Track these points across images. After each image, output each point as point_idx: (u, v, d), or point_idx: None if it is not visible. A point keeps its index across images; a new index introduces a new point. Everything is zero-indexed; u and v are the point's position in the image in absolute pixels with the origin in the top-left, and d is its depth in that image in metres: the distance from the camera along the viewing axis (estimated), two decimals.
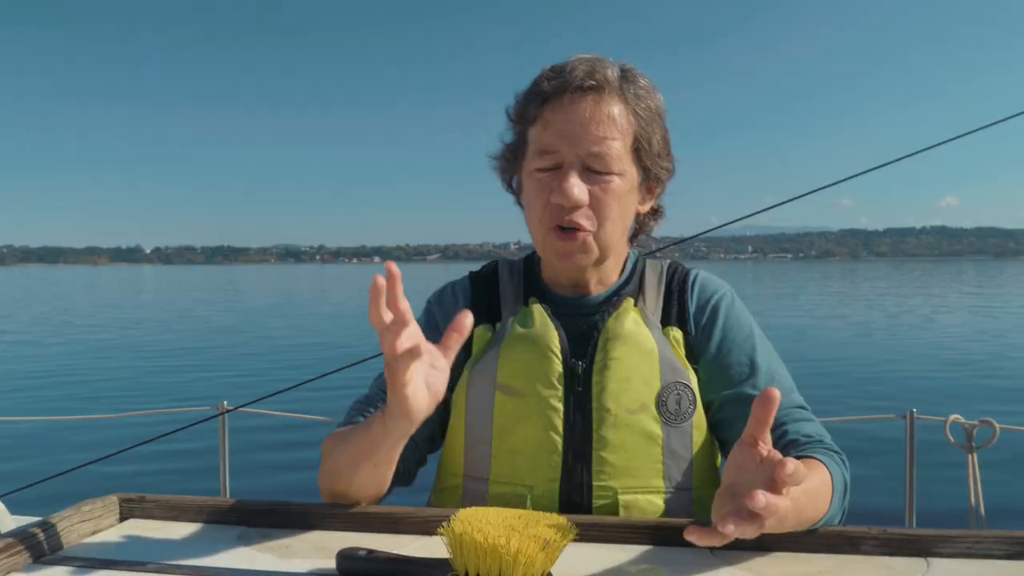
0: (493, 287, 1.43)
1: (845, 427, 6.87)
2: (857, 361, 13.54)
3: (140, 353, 15.94)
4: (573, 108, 1.25)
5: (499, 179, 1.44)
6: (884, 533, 1.06)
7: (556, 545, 0.93)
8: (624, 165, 1.28)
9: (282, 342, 18.06)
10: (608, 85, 1.27)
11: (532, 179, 1.31)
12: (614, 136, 1.26)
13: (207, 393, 10.10)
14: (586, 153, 1.25)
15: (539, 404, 1.27)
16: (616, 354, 1.27)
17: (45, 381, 12.22)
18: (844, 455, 1.23)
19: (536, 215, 1.31)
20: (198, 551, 1.09)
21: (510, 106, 1.36)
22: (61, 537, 1.12)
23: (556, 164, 1.27)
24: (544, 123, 1.28)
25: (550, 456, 1.25)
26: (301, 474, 6.17)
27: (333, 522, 1.19)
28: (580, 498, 1.24)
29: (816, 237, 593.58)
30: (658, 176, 1.36)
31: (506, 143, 1.39)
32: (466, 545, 0.91)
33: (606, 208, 1.27)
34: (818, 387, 10.56)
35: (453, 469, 1.34)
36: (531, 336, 1.30)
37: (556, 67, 1.29)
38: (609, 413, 1.25)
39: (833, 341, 16.98)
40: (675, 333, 1.32)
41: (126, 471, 5.62)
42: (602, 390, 1.26)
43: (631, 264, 1.42)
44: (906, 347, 15.55)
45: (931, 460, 3.73)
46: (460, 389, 1.33)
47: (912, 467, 3.02)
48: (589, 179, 1.26)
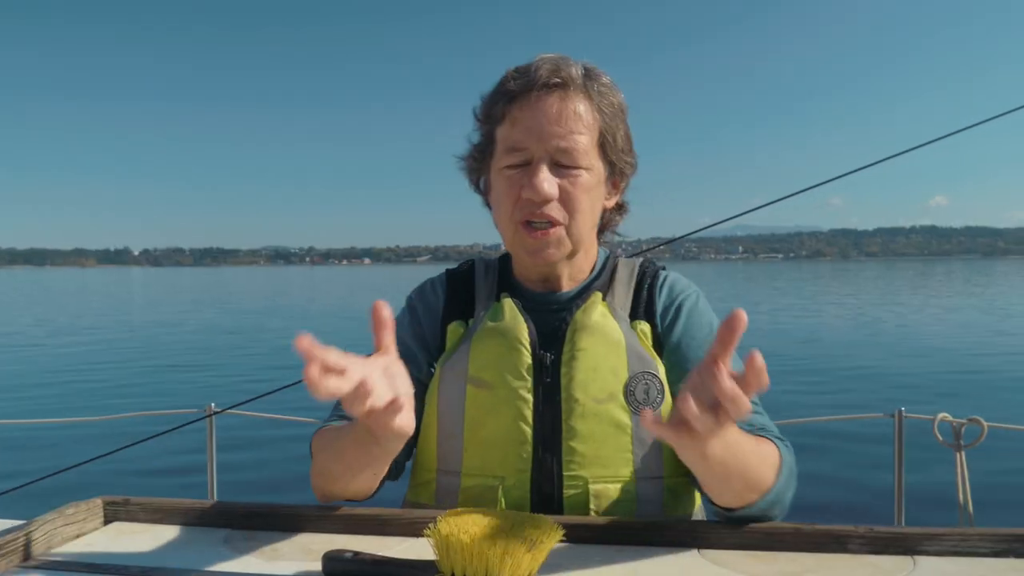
0: (469, 284, 1.45)
1: (834, 426, 6.94)
2: (845, 360, 13.59)
3: (127, 355, 15.87)
4: (540, 105, 1.28)
5: (467, 180, 1.46)
6: (871, 531, 1.06)
7: (542, 546, 0.93)
8: (591, 159, 1.31)
9: (270, 343, 18.01)
10: (573, 83, 1.30)
11: (501, 176, 1.33)
12: (581, 131, 1.29)
13: (194, 395, 10.08)
14: (554, 148, 1.28)
15: (509, 395, 1.28)
16: (583, 345, 1.29)
17: (30, 383, 12.15)
18: (789, 443, 1.26)
19: (506, 211, 1.33)
20: (183, 554, 1.09)
21: (476, 107, 1.39)
22: (44, 540, 1.11)
23: (525, 160, 1.29)
24: (512, 121, 1.30)
25: (520, 447, 1.26)
26: (289, 476, 6.16)
27: (319, 524, 1.18)
28: (551, 488, 1.25)
29: (807, 237, 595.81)
30: (623, 171, 1.40)
31: (473, 143, 1.42)
32: (452, 547, 0.91)
33: (576, 201, 1.30)
34: (806, 386, 10.60)
35: (427, 464, 1.34)
36: (501, 329, 1.32)
37: (520, 67, 1.32)
38: (578, 403, 1.26)
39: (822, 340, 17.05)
40: (643, 326, 1.34)
41: (113, 474, 5.59)
42: (570, 380, 1.27)
43: (601, 261, 1.45)
44: (894, 346, 15.62)
45: (920, 458, 3.75)
46: (433, 384, 1.34)
47: (900, 466, 3.03)
48: (558, 173, 1.29)
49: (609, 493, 1.25)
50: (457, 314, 1.40)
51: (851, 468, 6.14)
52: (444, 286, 1.46)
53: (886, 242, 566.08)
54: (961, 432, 2.87)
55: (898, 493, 3.05)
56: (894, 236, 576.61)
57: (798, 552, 1.06)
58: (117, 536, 1.18)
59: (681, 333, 1.35)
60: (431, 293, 1.46)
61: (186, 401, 8.08)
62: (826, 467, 6.08)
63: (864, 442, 6.60)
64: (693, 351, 1.33)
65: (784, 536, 1.08)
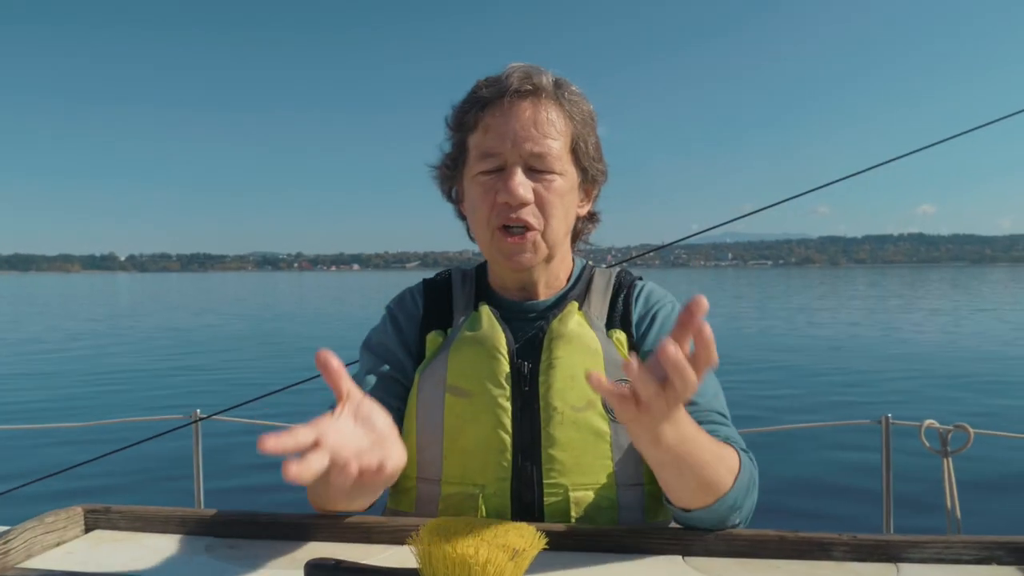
0: (446, 294, 1.45)
1: (821, 432, 6.96)
2: (832, 367, 13.64)
3: (113, 361, 15.79)
4: (512, 111, 1.30)
5: (439, 189, 1.47)
6: (854, 539, 1.06)
7: (525, 555, 0.93)
8: (564, 165, 1.33)
9: (257, 350, 17.96)
10: (544, 90, 1.32)
11: (476, 183, 1.34)
12: (553, 136, 1.31)
13: (180, 401, 10.03)
14: (528, 153, 1.29)
15: (488, 404, 1.28)
16: (560, 353, 1.29)
17: (12, 389, 12.07)
18: (752, 454, 1.26)
19: (483, 217, 1.34)
20: (165, 563, 1.08)
21: (448, 115, 1.39)
22: (24, 549, 1.10)
23: (499, 166, 1.31)
24: (485, 128, 1.31)
25: (500, 455, 1.26)
26: (276, 482, 6.14)
27: (302, 532, 1.18)
28: (531, 496, 1.25)
29: (796, 244, 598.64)
30: (595, 178, 1.41)
31: (445, 152, 1.43)
32: (435, 555, 0.91)
33: (550, 206, 1.31)
34: (793, 392, 10.63)
35: (407, 472, 1.33)
36: (479, 338, 1.32)
37: (491, 77, 1.34)
38: (556, 411, 1.27)
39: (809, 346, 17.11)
40: (619, 335, 1.35)
41: (98, 480, 5.56)
42: (548, 389, 1.28)
43: (578, 271, 1.46)
44: (881, 353, 15.68)
45: (907, 465, 3.75)
46: (412, 393, 1.35)
47: (888, 472, 3.04)
48: (532, 178, 1.31)
49: (589, 500, 1.25)
50: (435, 323, 1.40)
51: (838, 474, 6.15)
52: (422, 295, 1.47)
53: (875, 249, 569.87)
54: (948, 438, 2.88)
55: (886, 499, 3.06)
56: (883, 244, 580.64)
57: (782, 559, 1.06)
58: (98, 544, 1.17)
59: (654, 341, 1.36)
60: (410, 302, 1.46)
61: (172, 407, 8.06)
62: (813, 474, 6.09)
63: (851, 449, 6.62)
64: None
65: (768, 543, 1.08)
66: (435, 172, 1.46)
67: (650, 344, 1.36)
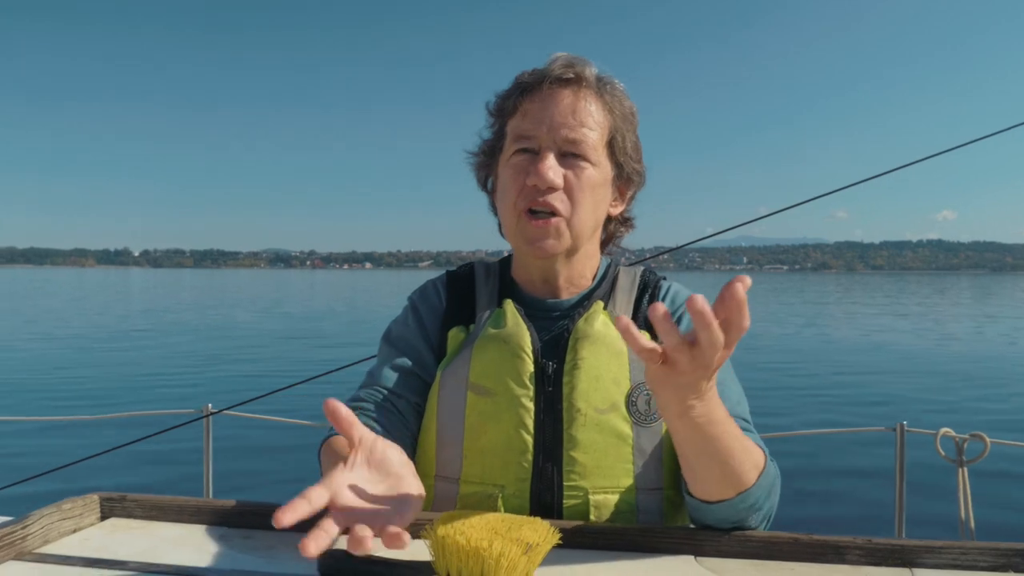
0: (469, 288, 1.43)
1: (835, 439, 6.91)
2: (847, 373, 13.58)
3: (125, 355, 15.86)
4: (551, 97, 1.30)
5: (474, 177, 1.46)
6: (869, 543, 1.06)
7: (539, 549, 0.93)
8: (599, 156, 1.32)
9: (269, 346, 18.01)
10: (585, 80, 1.31)
11: (508, 166, 1.33)
12: (591, 126, 1.30)
13: (192, 396, 10.07)
14: (563, 139, 1.28)
15: (510, 403, 1.27)
16: (585, 354, 1.28)
17: (27, 381, 12.14)
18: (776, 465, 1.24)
19: (510, 199, 1.32)
20: (179, 551, 1.08)
21: (490, 102, 1.39)
22: (41, 535, 1.11)
23: (533, 149, 1.30)
24: (523, 113, 1.31)
25: (521, 456, 1.25)
26: (285, 477, 6.15)
27: (316, 523, 1.18)
28: (551, 498, 1.24)
29: (812, 249, 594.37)
30: (630, 177, 1.40)
31: (484, 139, 1.42)
32: (448, 548, 0.91)
33: (580, 193, 1.30)
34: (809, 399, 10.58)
35: (424, 470, 1.32)
36: (503, 336, 1.30)
37: (536, 68, 1.34)
38: (579, 413, 1.25)
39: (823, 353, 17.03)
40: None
41: (108, 473, 5.59)
42: (572, 390, 1.26)
43: (603, 270, 1.44)
44: (897, 360, 15.60)
45: (921, 473, 3.72)
46: (432, 390, 1.33)
47: (902, 480, 3.01)
48: (565, 164, 1.29)
49: (609, 504, 1.23)
50: (457, 319, 1.39)
51: (852, 482, 6.12)
52: (445, 288, 1.45)
53: (892, 255, 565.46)
54: (963, 448, 2.86)
55: (899, 508, 3.04)
56: (901, 250, 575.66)
57: (796, 562, 1.06)
58: (113, 532, 1.17)
59: None
60: (433, 295, 1.45)
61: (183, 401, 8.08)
62: (827, 480, 6.06)
63: (865, 456, 6.58)
64: None
65: (782, 545, 1.07)
66: (472, 159, 1.44)
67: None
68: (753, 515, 1.13)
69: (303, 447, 6.72)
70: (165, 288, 69.73)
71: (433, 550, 0.93)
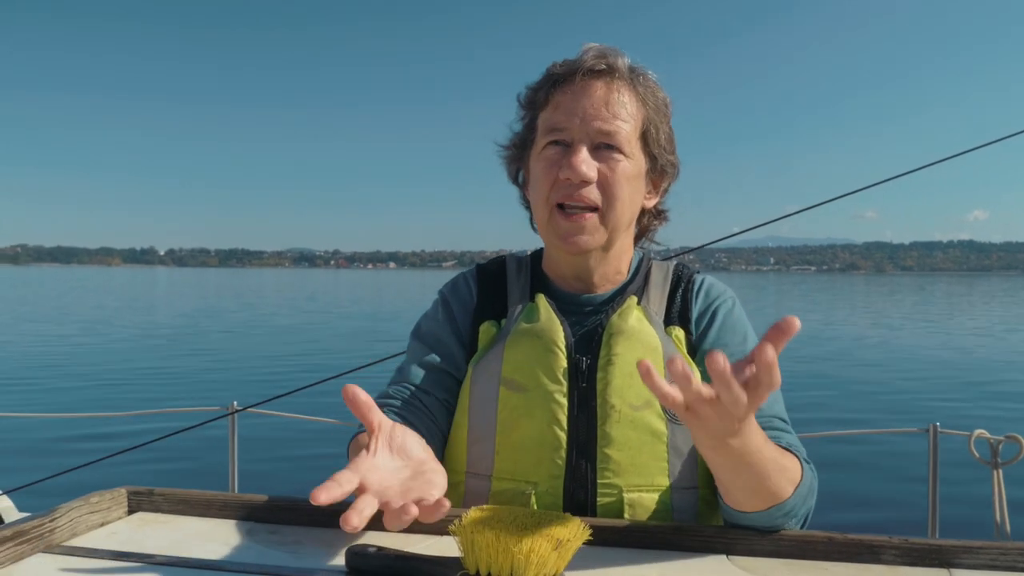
0: (500, 282, 1.42)
1: (867, 440, 6.83)
2: (880, 373, 13.44)
3: (152, 353, 16.00)
4: (584, 88, 1.27)
5: (505, 170, 1.44)
6: (905, 543, 1.03)
7: (569, 546, 0.91)
8: (633, 148, 1.29)
9: (294, 344, 18.10)
10: (618, 71, 1.29)
11: (540, 159, 1.31)
12: (624, 118, 1.27)
13: (217, 393, 10.14)
14: (596, 131, 1.26)
15: (543, 399, 1.25)
16: (619, 350, 1.26)
17: (55, 377, 12.27)
18: (813, 466, 1.22)
19: (542, 194, 1.30)
20: (207, 545, 1.08)
21: (521, 93, 1.37)
22: (69, 528, 1.11)
23: (565, 142, 1.28)
24: (555, 104, 1.29)
25: (554, 452, 1.23)
26: (309, 475, 6.16)
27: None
28: (584, 496, 1.22)
29: (840, 249, 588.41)
30: (664, 169, 1.37)
31: (515, 132, 1.39)
32: (477, 544, 0.90)
33: (615, 187, 1.27)
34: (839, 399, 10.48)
35: (455, 466, 1.31)
36: (536, 331, 1.29)
37: (568, 59, 1.31)
38: (614, 409, 1.23)
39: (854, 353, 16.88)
40: (678, 332, 1.31)
41: (134, 469, 5.62)
42: (606, 386, 1.24)
43: (635, 264, 1.42)
44: (930, 360, 15.44)
45: (955, 475, 3.66)
46: (464, 385, 1.32)
47: (935, 482, 2.96)
48: (598, 157, 1.27)
49: (644, 502, 1.22)
50: (489, 313, 1.37)
51: (884, 483, 6.04)
52: (476, 282, 1.43)
53: (922, 256, 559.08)
54: (998, 449, 2.82)
55: (932, 510, 2.98)
56: (931, 250, 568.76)
57: (830, 561, 1.04)
58: (141, 526, 1.17)
59: (714, 340, 1.32)
60: (464, 289, 1.43)
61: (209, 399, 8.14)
62: (858, 481, 5.99)
63: (897, 457, 6.49)
64: None
65: (817, 544, 1.05)
66: (502, 152, 1.42)
67: (709, 343, 1.32)
68: (788, 521, 1.11)
69: (328, 445, 6.76)
70: (191, 287, 70.24)
71: (461, 546, 0.92)
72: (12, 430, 7.54)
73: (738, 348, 1.32)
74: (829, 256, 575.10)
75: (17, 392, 10.78)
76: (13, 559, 1.00)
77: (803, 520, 1.15)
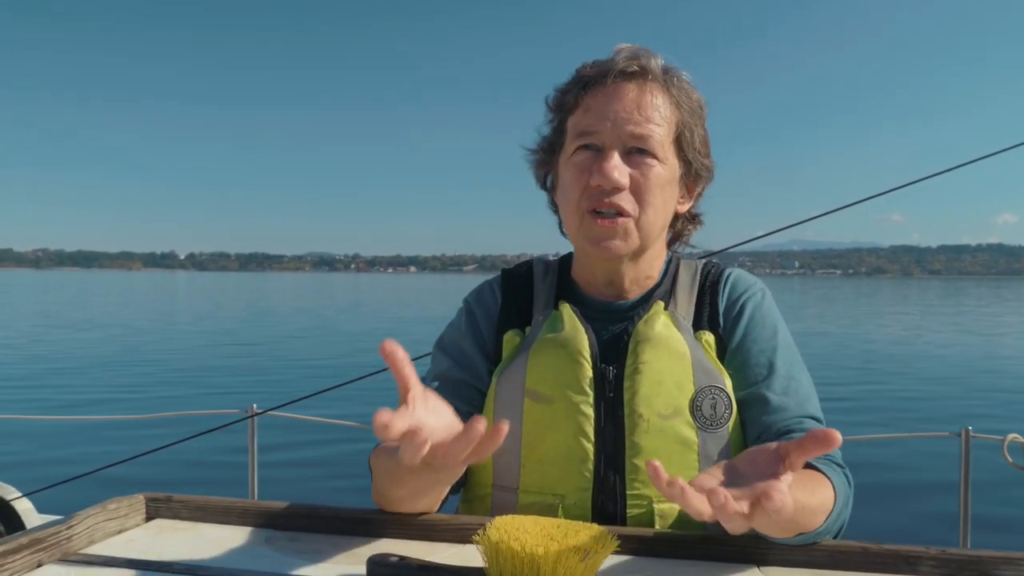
0: (527, 288, 1.38)
1: (897, 444, 6.75)
2: (910, 378, 13.31)
3: (172, 356, 16.08)
4: (616, 91, 1.23)
5: (533, 175, 1.40)
6: (943, 553, 1.00)
7: (596, 556, 0.89)
8: (666, 153, 1.25)
9: (314, 348, 18.15)
10: (651, 73, 1.25)
11: (570, 164, 1.27)
12: (657, 122, 1.23)
13: (237, 396, 10.17)
14: (628, 135, 1.22)
15: (569, 411, 1.22)
16: (647, 358, 1.23)
17: (75, 380, 12.35)
18: (848, 470, 1.18)
19: (573, 200, 1.27)
20: (225, 553, 1.06)
21: (549, 96, 1.33)
22: (86, 535, 1.09)
23: (596, 146, 1.24)
24: (585, 108, 1.25)
25: (581, 464, 1.21)
26: (329, 478, 6.17)
27: (364, 527, 1.15)
28: (613, 507, 1.19)
29: (866, 253, 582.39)
30: (699, 173, 1.33)
31: (543, 135, 1.36)
32: (503, 554, 0.88)
33: (648, 193, 1.23)
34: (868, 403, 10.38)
35: (481, 479, 1.29)
36: (560, 340, 1.26)
37: (598, 60, 1.28)
38: (642, 419, 1.20)
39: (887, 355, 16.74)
40: (707, 337, 1.27)
41: (154, 472, 5.63)
42: (634, 395, 1.21)
43: (664, 266, 1.38)
44: (962, 364, 15.28)
45: (988, 481, 3.59)
46: (488, 396, 1.29)
47: (967, 487, 2.90)
48: (630, 163, 1.23)
49: (675, 513, 1.19)
50: (513, 321, 1.34)
51: (914, 489, 5.96)
52: (500, 289, 1.40)
53: (950, 260, 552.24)
54: None
55: (963, 516, 2.92)
56: (959, 254, 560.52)
57: (865, 572, 1.01)
58: (159, 533, 1.16)
59: (743, 335, 1.29)
60: (489, 297, 1.40)
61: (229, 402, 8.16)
62: (888, 487, 5.90)
63: (928, 462, 6.40)
64: (754, 356, 1.27)
65: (851, 555, 1.02)
66: (531, 156, 1.39)
67: (737, 340, 1.28)
68: (823, 539, 1.06)
69: (348, 448, 6.76)
70: (211, 291, 70.66)
71: (486, 555, 0.90)
72: (32, 433, 7.59)
73: (768, 344, 1.28)
74: (855, 260, 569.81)
75: (36, 395, 10.85)
76: (29, 567, 0.99)
77: (837, 532, 1.11)
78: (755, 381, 1.25)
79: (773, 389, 1.24)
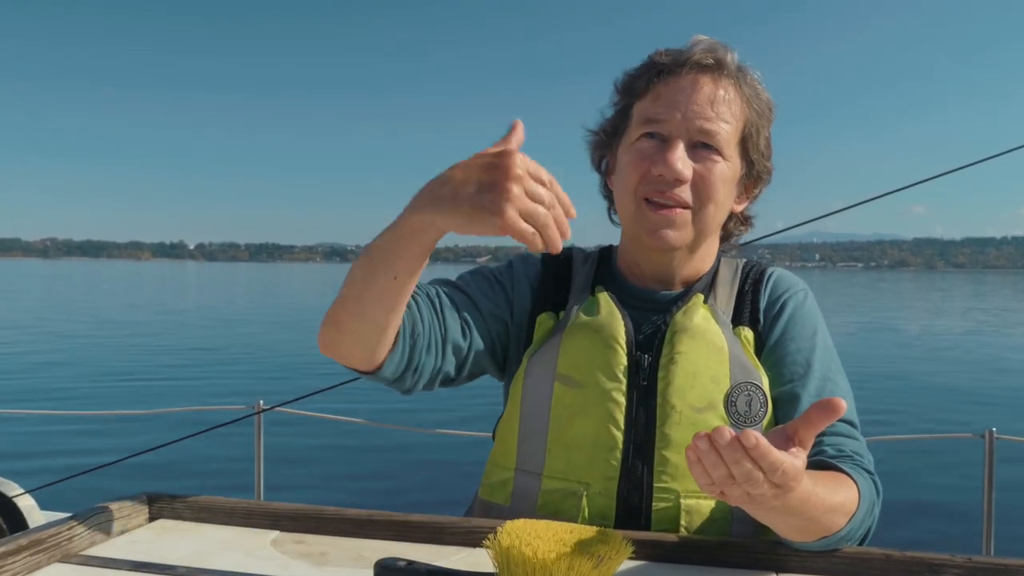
0: (564, 270, 1.36)
1: (919, 445, 6.68)
2: (933, 377, 13.21)
3: (178, 349, 16.09)
4: (688, 82, 1.21)
5: (589, 155, 1.38)
6: (969, 561, 0.97)
7: (610, 562, 0.86)
8: (731, 151, 1.23)
9: None
10: (727, 68, 1.23)
11: (632, 150, 1.24)
12: (727, 119, 1.21)
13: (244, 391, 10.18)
14: (697, 129, 1.19)
15: (600, 397, 1.19)
16: (683, 348, 1.20)
17: (80, 375, 12.36)
18: (877, 478, 1.15)
19: (630, 185, 1.24)
20: (230, 555, 1.04)
21: (618, 79, 1.30)
22: (88, 536, 1.08)
23: (662, 135, 1.21)
24: (655, 95, 1.22)
25: (609, 453, 1.18)
26: (337, 475, 6.15)
27: (371, 529, 1.13)
28: (639, 500, 1.16)
29: (888, 246, 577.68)
30: (759, 175, 1.31)
31: (607, 117, 1.33)
32: (514, 559, 0.85)
33: (710, 188, 1.21)
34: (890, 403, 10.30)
35: (504, 462, 1.26)
36: (595, 325, 1.23)
37: (672, 48, 1.25)
38: (674, 410, 1.17)
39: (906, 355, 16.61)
40: (746, 333, 1.25)
41: (159, 469, 5.63)
42: (668, 385, 1.18)
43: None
44: (986, 363, 15.11)
45: (1013, 483, 3.53)
46: (518, 378, 1.26)
47: (991, 490, 2.85)
48: (695, 156, 1.21)
49: (702, 509, 1.15)
50: (548, 303, 1.31)
51: (936, 492, 5.88)
52: (541, 264, 1.37)
53: (975, 253, 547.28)
54: None
55: (987, 520, 2.87)
56: (984, 247, 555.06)
57: None
58: (162, 534, 1.14)
59: (781, 333, 1.26)
60: (533, 264, 1.37)
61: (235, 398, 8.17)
62: (909, 489, 5.81)
63: (950, 464, 6.32)
64: (791, 354, 1.24)
65: (874, 562, 0.99)
66: (590, 137, 1.36)
67: (776, 337, 1.25)
68: (841, 543, 1.03)
69: (356, 445, 6.74)
70: (220, 283, 70.82)
71: (497, 561, 0.88)
72: (35, 429, 7.59)
73: (806, 343, 1.25)
74: (877, 252, 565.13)
75: (39, 389, 10.85)
76: (29, 569, 0.97)
77: (863, 538, 1.08)
78: (790, 379, 1.23)
79: (807, 389, 1.21)
